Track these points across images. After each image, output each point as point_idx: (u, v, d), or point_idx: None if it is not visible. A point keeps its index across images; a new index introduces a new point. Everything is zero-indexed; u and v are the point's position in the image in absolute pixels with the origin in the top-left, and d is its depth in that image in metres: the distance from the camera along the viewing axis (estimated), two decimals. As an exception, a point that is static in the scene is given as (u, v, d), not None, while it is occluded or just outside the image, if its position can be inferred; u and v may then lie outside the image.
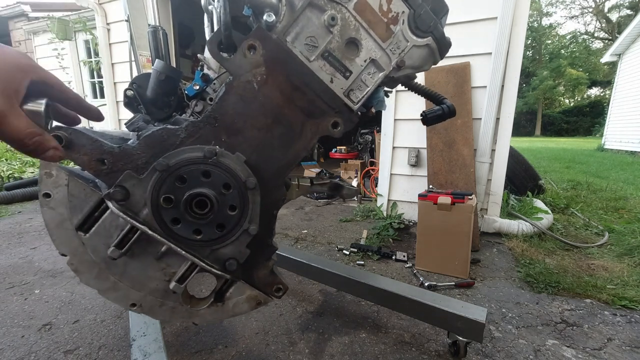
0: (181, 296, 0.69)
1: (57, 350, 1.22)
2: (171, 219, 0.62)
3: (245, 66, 0.61)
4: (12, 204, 3.33)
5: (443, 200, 1.80)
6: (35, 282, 1.73)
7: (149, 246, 0.65)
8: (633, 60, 9.63)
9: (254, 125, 0.64)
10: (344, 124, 0.67)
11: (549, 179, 4.61)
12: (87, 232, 0.62)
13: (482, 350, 1.23)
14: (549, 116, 29.27)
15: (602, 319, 1.43)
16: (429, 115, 0.87)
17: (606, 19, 28.87)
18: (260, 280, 0.74)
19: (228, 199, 0.63)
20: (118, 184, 0.59)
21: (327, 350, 1.22)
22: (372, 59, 0.66)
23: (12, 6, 6.22)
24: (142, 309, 0.68)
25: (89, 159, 0.58)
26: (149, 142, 0.61)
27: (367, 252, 2.09)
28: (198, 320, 0.72)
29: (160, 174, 0.60)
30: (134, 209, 0.61)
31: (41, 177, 0.59)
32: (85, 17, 4.72)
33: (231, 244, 0.67)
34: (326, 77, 0.65)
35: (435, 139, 2.44)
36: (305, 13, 0.61)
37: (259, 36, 0.60)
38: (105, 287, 0.65)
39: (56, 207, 0.61)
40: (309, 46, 0.62)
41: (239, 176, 0.63)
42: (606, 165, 6.64)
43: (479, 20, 2.30)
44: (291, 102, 0.64)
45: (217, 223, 0.64)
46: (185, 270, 0.66)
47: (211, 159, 0.61)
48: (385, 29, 0.64)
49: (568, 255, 2.09)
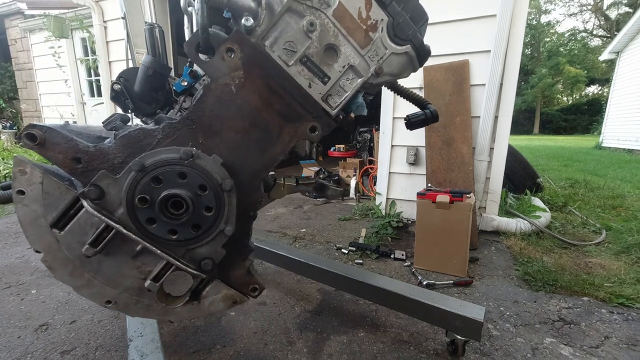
0: (157, 294, 0.70)
1: (53, 350, 1.21)
2: (146, 218, 0.63)
3: (223, 69, 0.61)
4: (9, 203, 3.32)
5: (441, 199, 1.80)
6: (31, 282, 1.72)
7: (124, 245, 0.65)
8: (631, 58, 9.64)
9: (232, 127, 0.64)
10: (322, 129, 0.68)
11: (547, 177, 4.62)
12: (61, 230, 0.63)
13: (480, 348, 1.23)
14: (547, 114, 29.31)
15: (599, 317, 1.43)
16: (413, 119, 0.88)
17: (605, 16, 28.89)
18: (237, 279, 0.75)
19: (204, 200, 0.64)
20: (93, 183, 0.60)
21: (325, 349, 1.22)
22: (351, 65, 0.66)
23: (8, 4, 6.16)
24: (117, 306, 0.69)
25: (64, 157, 0.59)
26: (125, 142, 0.61)
27: (365, 251, 2.09)
28: (174, 318, 0.73)
29: (135, 174, 0.60)
30: (109, 208, 0.62)
31: (15, 174, 0.60)
32: (82, 14, 4.68)
33: (207, 244, 0.68)
34: (304, 82, 0.65)
35: (434, 137, 2.44)
36: (284, 18, 0.61)
37: (237, 39, 0.60)
38: (80, 284, 0.66)
39: (30, 204, 0.61)
40: (287, 51, 0.63)
41: (215, 178, 0.63)
42: (604, 163, 6.66)
43: (478, 18, 2.29)
44: (269, 106, 0.64)
45: (192, 223, 0.65)
46: (161, 269, 0.67)
47: (187, 161, 0.62)
48: (364, 36, 0.65)
49: (566, 253, 2.09)
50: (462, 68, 2.35)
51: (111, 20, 4.00)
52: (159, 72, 1.02)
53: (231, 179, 0.65)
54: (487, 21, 2.27)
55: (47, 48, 5.26)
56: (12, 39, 6.46)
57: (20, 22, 6.03)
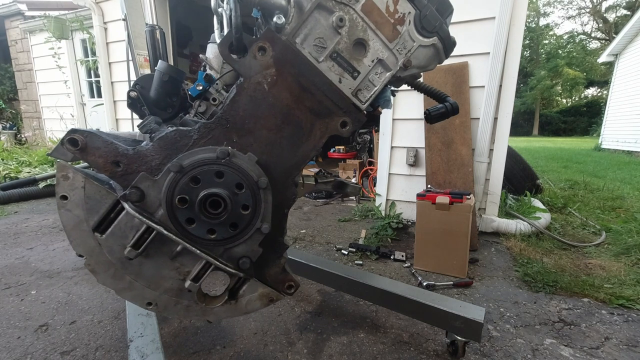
0: (196, 294, 0.70)
1: (53, 351, 1.21)
2: (186, 219, 0.63)
3: (256, 67, 0.62)
4: (9, 204, 3.31)
5: (441, 200, 1.80)
6: (31, 283, 1.72)
7: (163, 246, 0.65)
8: (630, 60, 9.68)
9: (265, 125, 0.65)
10: (353, 124, 0.68)
11: (546, 178, 4.63)
12: (103, 233, 0.63)
13: (481, 349, 1.23)
14: (546, 116, 29.37)
15: (599, 318, 1.43)
16: (433, 113, 0.87)
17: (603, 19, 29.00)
18: (272, 277, 0.75)
19: (241, 199, 0.65)
20: (133, 186, 0.60)
21: (325, 350, 1.22)
22: (380, 59, 0.67)
23: (8, 5, 6.18)
24: (157, 308, 0.69)
25: (104, 161, 0.59)
26: (162, 144, 0.62)
27: (365, 252, 2.09)
28: (212, 317, 0.73)
29: (174, 175, 0.61)
30: (149, 210, 0.62)
31: (58, 179, 0.60)
32: (82, 16, 4.69)
33: (244, 242, 0.68)
34: (335, 78, 0.65)
35: (434, 139, 2.45)
36: (314, 15, 0.61)
37: (269, 38, 0.60)
38: (122, 287, 0.66)
39: (73, 209, 0.61)
40: (317, 47, 0.63)
41: (251, 176, 0.64)
42: (603, 165, 6.68)
43: (477, 20, 2.31)
44: (300, 103, 0.65)
45: (230, 222, 0.65)
46: (200, 269, 0.67)
47: (224, 160, 0.62)
48: (392, 29, 0.65)
49: (565, 254, 2.09)
50: (462, 70, 2.36)
51: (111, 21, 4.01)
52: (174, 77, 1.03)
53: (266, 176, 0.65)
54: (486, 24, 2.28)
55: (47, 49, 5.27)
56: (12, 40, 6.47)
57: (20, 23, 6.04)
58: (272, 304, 0.76)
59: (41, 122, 6.33)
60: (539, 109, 29.68)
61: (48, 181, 3.66)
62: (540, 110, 29.71)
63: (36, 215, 2.94)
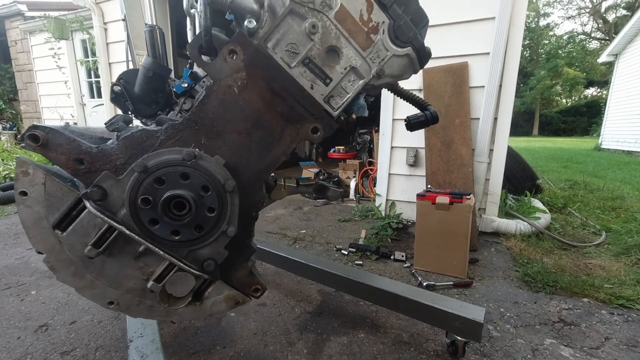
0: (159, 295, 0.70)
1: (53, 351, 1.21)
2: (149, 219, 0.63)
3: (226, 70, 0.61)
4: (9, 204, 3.31)
5: (441, 200, 1.80)
6: (31, 283, 1.72)
7: (126, 245, 0.65)
8: (630, 60, 9.68)
9: (234, 129, 0.65)
10: (324, 130, 0.68)
11: (546, 178, 4.63)
12: (64, 231, 0.62)
13: (481, 349, 1.23)
14: (546, 116, 29.37)
15: (599, 318, 1.43)
16: (413, 121, 0.88)
17: (603, 19, 29.01)
18: (239, 280, 0.75)
19: (206, 201, 0.64)
20: (96, 184, 0.60)
21: (325, 350, 1.22)
22: (352, 67, 0.67)
23: (8, 5, 6.18)
24: (119, 307, 0.69)
25: (66, 158, 0.59)
26: (128, 143, 0.61)
27: (365, 252, 2.09)
28: (176, 318, 0.73)
29: (138, 175, 0.60)
30: (112, 209, 0.62)
31: (17, 175, 0.59)
32: (82, 16, 4.69)
33: (209, 244, 0.68)
34: (306, 84, 0.65)
35: (434, 139, 2.45)
36: (287, 20, 0.61)
37: (240, 41, 0.60)
38: (82, 285, 0.66)
39: (32, 206, 0.60)
40: (289, 53, 0.63)
41: (217, 179, 0.64)
42: (603, 165, 6.67)
43: (477, 21, 2.31)
44: (271, 107, 0.65)
45: (195, 224, 0.65)
46: (163, 270, 0.67)
47: (190, 162, 0.62)
48: (365, 38, 0.65)
49: (566, 254, 2.09)
50: (462, 70, 2.36)
51: (111, 22, 4.01)
52: (159, 73, 1.02)
53: (234, 180, 0.65)
54: (486, 24, 2.28)
55: (47, 49, 5.27)
56: (12, 40, 6.48)
57: (20, 23, 6.05)
58: (237, 307, 0.76)
59: (41, 123, 6.33)
60: (539, 109, 29.68)
61: (48, 181, 3.66)
62: (540, 110, 29.71)
63: (36, 216, 2.94)
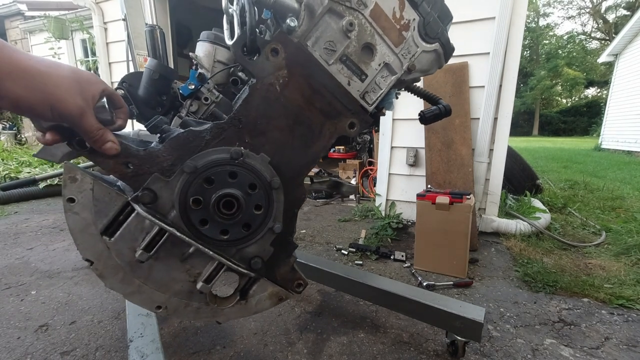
0: (208, 296, 0.70)
1: (53, 351, 1.21)
2: (199, 220, 0.63)
3: (268, 69, 0.62)
4: (9, 204, 3.31)
5: (441, 200, 1.80)
6: (31, 283, 1.72)
7: (173, 248, 0.65)
8: (630, 60, 9.68)
9: (276, 126, 0.66)
10: (360, 125, 0.70)
11: (546, 178, 4.63)
12: (111, 237, 0.61)
13: (481, 349, 1.23)
14: (546, 116, 29.39)
15: (599, 318, 1.43)
16: (427, 114, 0.90)
17: (603, 19, 29.01)
18: (282, 276, 0.75)
19: (254, 199, 0.65)
20: (146, 187, 0.59)
21: (325, 350, 1.22)
22: (386, 63, 0.69)
23: (8, 5, 6.18)
24: (167, 311, 0.68)
25: (114, 162, 0.58)
26: (175, 145, 0.61)
27: (365, 252, 2.09)
28: (222, 318, 0.73)
29: (188, 176, 0.61)
30: (162, 211, 0.62)
31: (65, 181, 0.57)
32: (82, 16, 4.69)
33: (256, 242, 0.69)
34: (344, 80, 0.67)
35: (434, 139, 2.45)
36: (325, 19, 0.63)
37: (281, 40, 0.61)
38: (130, 291, 0.64)
39: (80, 212, 0.59)
40: (327, 50, 0.65)
41: (264, 176, 0.65)
42: (603, 165, 6.68)
43: (477, 20, 2.31)
44: (311, 104, 0.66)
45: (243, 223, 0.66)
46: (212, 270, 0.67)
47: (237, 160, 0.63)
48: (397, 35, 0.68)
49: (565, 254, 2.09)
50: (462, 70, 2.36)
51: (111, 21, 4.01)
52: (165, 76, 1.02)
53: (278, 177, 0.66)
54: (486, 24, 2.28)
55: (47, 49, 5.26)
56: (12, 40, 6.48)
57: (20, 23, 6.05)
58: (280, 303, 0.76)
59: (41, 122, 6.33)
60: (539, 109, 29.71)
61: (48, 181, 3.66)
62: (540, 110, 29.73)
63: (36, 216, 2.94)
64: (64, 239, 2.36)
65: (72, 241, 1.91)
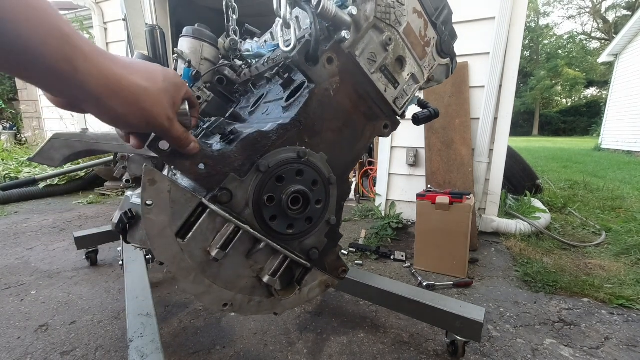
0: (273, 289, 0.73)
1: (53, 351, 1.21)
2: (270, 216, 0.67)
3: (325, 75, 0.69)
4: (9, 204, 3.31)
5: (441, 200, 1.80)
6: (31, 283, 1.72)
7: (240, 245, 0.67)
8: (630, 60, 9.68)
9: (330, 127, 0.73)
10: (392, 126, 0.83)
11: (546, 178, 4.63)
12: (184, 238, 0.61)
13: (481, 349, 1.23)
14: (546, 116, 29.39)
15: (599, 318, 1.43)
16: (421, 116, 1.01)
17: (603, 19, 29.01)
18: (330, 265, 0.82)
19: (316, 194, 0.72)
20: (223, 187, 0.61)
21: (325, 350, 1.22)
22: (412, 74, 0.82)
23: (8, 5, 6.17)
24: (232, 308, 0.70)
25: (191, 163, 0.58)
26: (245, 145, 0.63)
27: (365, 252, 2.09)
28: (279, 310, 0.77)
29: (262, 174, 0.64)
30: (236, 210, 0.64)
31: (144, 184, 0.56)
32: (82, 16, 4.69)
33: (314, 234, 0.75)
34: (382, 87, 0.78)
35: (434, 139, 2.45)
36: (369, 33, 0.72)
37: (336, 50, 0.69)
38: (201, 291, 0.65)
39: (158, 215, 0.58)
40: (370, 61, 0.74)
41: (323, 173, 0.72)
42: (603, 165, 6.68)
43: (477, 20, 2.31)
44: (357, 108, 0.75)
45: (307, 217, 0.71)
46: (277, 264, 0.71)
47: (303, 159, 0.68)
48: (422, 50, 0.81)
49: (565, 254, 2.09)
50: (462, 70, 2.36)
51: (111, 21, 4.01)
52: None
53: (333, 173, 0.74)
54: (486, 24, 2.28)
55: (47, 49, 5.25)
56: (12, 40, 6.46)
57: (20, 23, 6.03)
58: (327, 290, 0.82)
59: (41, 122, 6.33)
60: (539, 109, 29.71)
61: (48, 181, 3.67)
62: (540, 110, 29.73)
63: (36, 216, 2.94)
64: (64, 239, 2.36)
65: (72, 241, 1.91)
